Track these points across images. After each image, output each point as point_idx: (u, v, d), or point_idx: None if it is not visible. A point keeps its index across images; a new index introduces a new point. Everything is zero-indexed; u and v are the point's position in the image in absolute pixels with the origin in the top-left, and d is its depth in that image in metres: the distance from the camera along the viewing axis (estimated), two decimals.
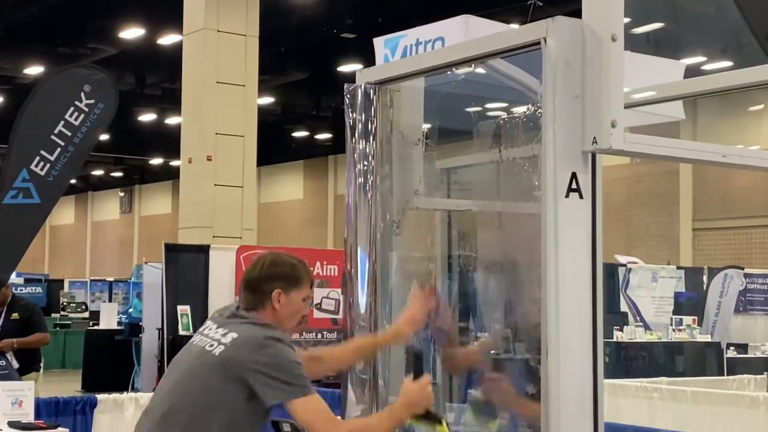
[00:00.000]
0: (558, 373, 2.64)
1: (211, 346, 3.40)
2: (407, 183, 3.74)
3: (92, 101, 9.48)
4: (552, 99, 2.71)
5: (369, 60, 6.32)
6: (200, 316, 12.25)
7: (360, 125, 3.52)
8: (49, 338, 9.38)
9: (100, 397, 7.10)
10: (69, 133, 9.35)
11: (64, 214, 46.00)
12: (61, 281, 27.72)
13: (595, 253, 2.75)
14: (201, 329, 3.56)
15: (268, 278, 3.53)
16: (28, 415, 6.42)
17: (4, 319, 8.78)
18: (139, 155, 36.15)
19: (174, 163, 31.47)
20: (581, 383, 2.68)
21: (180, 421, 3.38)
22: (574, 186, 2.71)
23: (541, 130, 2.79)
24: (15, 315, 8.81)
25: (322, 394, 3.56)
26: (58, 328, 21.34)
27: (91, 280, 28.70)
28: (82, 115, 9.42)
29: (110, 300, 24.55)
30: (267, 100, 24.89)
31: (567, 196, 2.70)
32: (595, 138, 2.67)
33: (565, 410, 2.64)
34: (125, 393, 7.42)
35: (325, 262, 12.77)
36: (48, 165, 9.32)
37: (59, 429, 6.39)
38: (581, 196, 2.73)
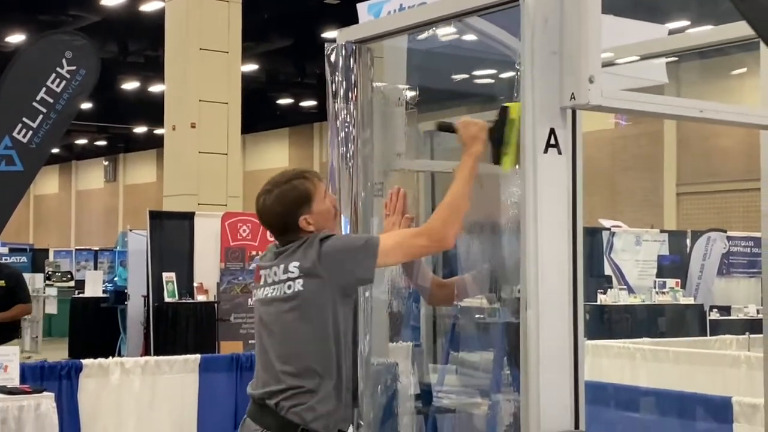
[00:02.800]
0: (537, 327, 2.67)
1: (282, 283, 3.31)
2: (390, 144, 3.74)
3: (74, 67, 9.42)
4: (530, 55, 2.72)
5: None
6: (185, 283, 12.25)
7: (341, 85, 3.52)
8: (32, 308, 9.34)
9: (85, 361, 7.09)
10: (51, 100, 9.30)
11: (48, 183, 45.82)
12: (46, 251, 27.62)
13: (575, 207, 2.77)
14: (257, 285, 3.46)
15: (285, 215, 3.40)
16: (13, 380, 6.42)
17: None
18: (123, 123, 35.98)
19: (158, 131, 31.29)
20: (561, 336, 2.71)
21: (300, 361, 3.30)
22: (552, 141, 2.73)
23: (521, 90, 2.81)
24: (0, 282, 8.76)
25: None
26: None
27: (77, 250, 28.62)
28: (64, 82, 9.36)
29: (96, 269, 24.48)
30: (251, 67, 24.75)
31: (546, 151, 2.73)
32: (573, 94, 2.69)
33: (544, 362, 2.67)
34: (111, 358, 7.41)
35: None
36: (30, 132, 9.27)
37: (45, 393, 6.40)
38: (560, 152, 2.75)
